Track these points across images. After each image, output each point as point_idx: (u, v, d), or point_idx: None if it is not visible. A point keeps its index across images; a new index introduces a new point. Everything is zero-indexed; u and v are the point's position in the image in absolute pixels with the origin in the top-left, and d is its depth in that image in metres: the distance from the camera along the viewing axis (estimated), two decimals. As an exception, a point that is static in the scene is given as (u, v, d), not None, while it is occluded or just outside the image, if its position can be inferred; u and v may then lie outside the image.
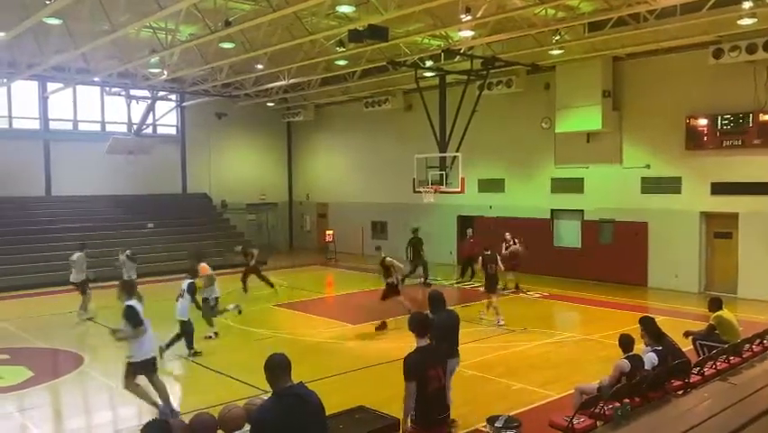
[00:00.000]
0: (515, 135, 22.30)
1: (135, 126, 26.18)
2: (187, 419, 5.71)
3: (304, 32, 15.92)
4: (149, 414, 9.12)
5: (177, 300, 12.26)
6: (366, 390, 9.28)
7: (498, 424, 6.20)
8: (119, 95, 24.51)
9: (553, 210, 21.78)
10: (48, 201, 25.00)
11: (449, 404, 6.22)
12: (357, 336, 13.56)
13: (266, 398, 4.29)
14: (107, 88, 24.17)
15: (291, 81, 22.16)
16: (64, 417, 9.82)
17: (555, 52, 18.46)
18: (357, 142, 28.49)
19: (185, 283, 12.30)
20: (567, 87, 19.96)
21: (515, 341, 13.05)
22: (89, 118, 26.35)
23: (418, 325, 5.87)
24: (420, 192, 20.22)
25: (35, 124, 25.05)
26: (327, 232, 27.72)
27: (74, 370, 11.57)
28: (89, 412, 10.03)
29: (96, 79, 21.90)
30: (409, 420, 5.73)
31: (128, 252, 17.70)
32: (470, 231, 21.18)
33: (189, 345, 12.20)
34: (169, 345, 12.03)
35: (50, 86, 24.24)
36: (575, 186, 20.91)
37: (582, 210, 20.93)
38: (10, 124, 24.50)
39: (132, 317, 8.46)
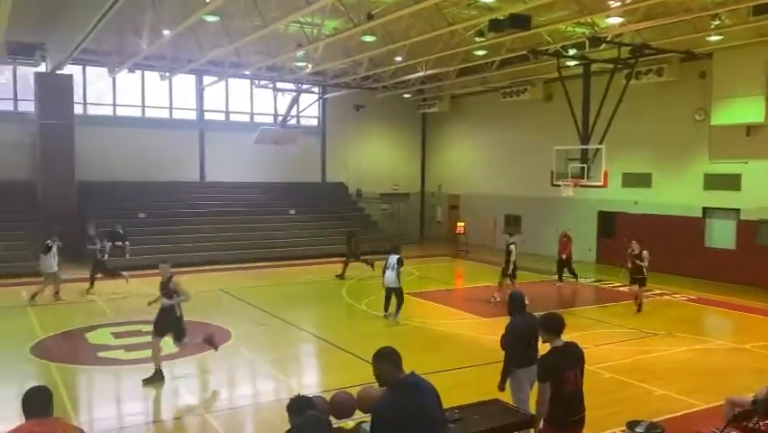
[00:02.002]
0: (664, 127, 20.96)
1: (281, 118, 27.56)
2: (327, 396, 5.96)
3: (444, 23, 15.92)
4: (286, 390, 9.64)
5: (384, 272, 14.07)
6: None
7: (639, 429, 5.91)
8: (267, 87, 25.94)
9: (705, 208, 20.25)
10: (201, 186, 26.99)
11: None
12: (490, 329, 13.44)
13: (380, 387, 4.34)
14: (256, 81, 25.68)
15: (429, 72, 22.28)
16: (210, 387, 10.59)
17: (714, 38, 17.09)
18: (492, 134, 28.12)
19: (393, 258, 14.00)
20: (726, 75, 18.43)
21: (657, 345, 12.33)
22: (240, 110, 28.12)
23: (552, 325, 5.74)
24: (559, 185, 19.61)
25: (192, 115, 27.11)
26: (459, 224, 27.66)
27: (222, 344, 12.42)
28: (233, 385, 10.75)
29: (246, 73, 23.32)
30: (543, 422, 5.63)
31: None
32: (567, 230, 19.95)
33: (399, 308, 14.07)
34: (397, 311, 13.97)
35: (206, 79, 26.13)
36: (731, 182, 19.30)
37: (738, 209, 19.29)
38: (170, 114, 26.70)
39: None
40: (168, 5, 15.07)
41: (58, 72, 22.12)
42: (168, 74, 23.08)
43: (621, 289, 18.12)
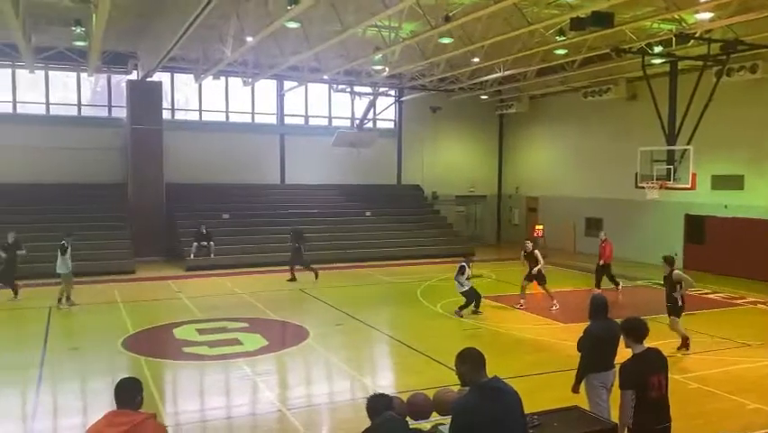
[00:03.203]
0: (759, 127, 19.80)
1: (358, 121, 27.91)
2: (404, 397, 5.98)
3: (523, 23, 15.67)
4: (362, 389, 9.74)
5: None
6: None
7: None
8: (344, 91, 26.32)
9: (803, 212, 19.03)
10: (281, 188, 27.69)
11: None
12: (569, 335, 13.11)
13: (461, 389, 4.32)
14: (334, 85, 26.10)
15: (506, 73, 21.98)
16: (290, 384, 10.85)
17: (815, 31, 16.03)
18: (572, 134, 27.43)
19: (462, 263, 15.06)
20: (828, 70, 17.25)
21: (749, 356, 11.67)
22: (318, 114, 28.66)
23: (636, 331, 5.57)
24: (643, 187, 18.89)
25: (273, 120, 27.86)
26: (537, 227, 27.11)
27: (301, 342, 12.72)
28: (311, 383, 10.97)
29: (324, 77, 23.75)
30: (626, 431, 5.45)
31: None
32: (602, 233, 18.89)
33: (477, 305, 15.06)
34: (460, 308, 14.79)
35: (286, 84, 26.79)
36: (834, 185, 18.05)
37: (843, 213, 18.01)
38: (252, 119, 27.54)
39: None
40: (251, 13, 15.55)
41: (148, 79, 23.26)
42: (250, 80, 23.81)
43: (711, 296, 17.26)
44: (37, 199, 22.49)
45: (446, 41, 17.44)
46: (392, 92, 28.07)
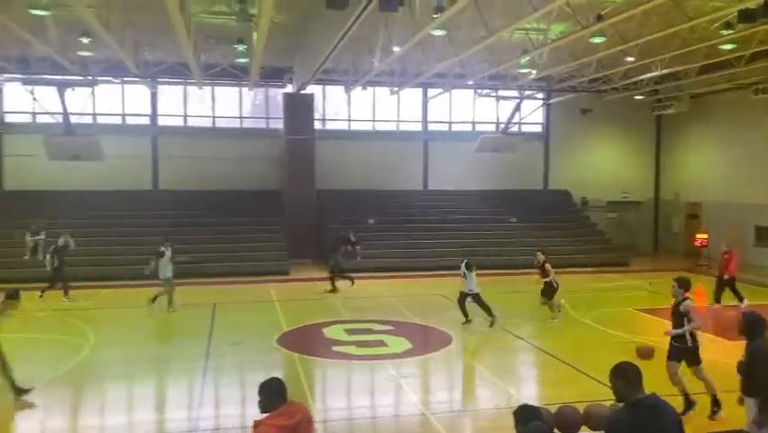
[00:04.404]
0: None
1: (502, 125, 27.55)
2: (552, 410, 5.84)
3: (683, 19, 14.65)
4: (505, 398, 9.58)
5: None
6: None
7: None
8: (489, 96, 26.13)
9: None
10: (424, 194, 28.00)
11: None
12: (732, 352, 12.02)
13: (613, 405, 4.13)
14: (479, 91, 25.99)
15: (664, 71, 20.66)
16: (433, 388, 10.93)
17: None
18: (740, 135, 25.12)
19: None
20: None
21: None
22: (462, 119, 28.68)
23: None
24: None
25: (417, 127, 28.26)
26: (699, 235, 25.12)
27: (443, 348, 12.78)
28: (454, 388, 10.99)
29: (469, 83, 23.71)
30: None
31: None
32: (723, 244, 16.98)
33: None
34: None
35: (431, 91, 27.09)
36: None
37: None
38: (398, 126, 28.15)
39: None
40: (398, 23, 15.93)
41: (302, 92, 24.58)
42: (396, 88, 24.37)
43: None
44: (204, 205, 24.57)
45: (598, 40, 16.75)
46: (539, 95, 27.44)
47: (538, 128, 29.37)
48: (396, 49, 16.82)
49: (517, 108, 26.98)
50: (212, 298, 17.39)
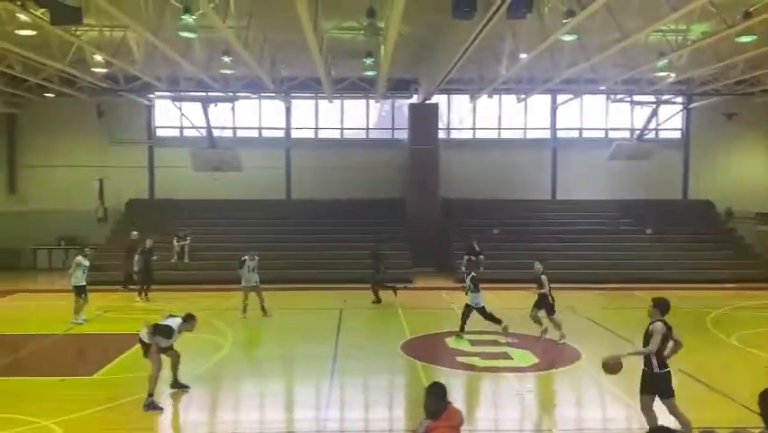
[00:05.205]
0: None
1: (638, 132, 26.21)
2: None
3: None
4: (638, 420, 9.06)
5: None
6: None
7: None
8: (623, 101, 24.97)
9: None
10: (552, 204, 27.24)
11: None
12: None
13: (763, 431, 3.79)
14: (612, 96, 24.92)
15: (824, 70, 18.78)
16: (560, 404, 10.55)
17: None
18: None
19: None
20: None
21: None
22: (593, 126, 27.60)
23: None
24: None
25: (546, 134, 27.57)
26: None
27: (571, 363, 12.31)
28: (582, 406, 10.54)
29: (601, 88, 22.83)
30: None
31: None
32: None
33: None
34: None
35: (560, 97, 26.33)
36: None
37: None
38: (525, 134, 27.59)
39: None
40: (526, 30, 15.67)
41: (426, 102, 24.79)
42: (523, 96, 23.94)
43: None
44: (333, 213, 25.49)
45: (746, 39, 15.57)
46: (678, 99, 25.84)
47: (677, 134, 27.70)
48: (523, 56, 16.56)
49: (654, 113, 25.58)
50: (338, 302, 18.05)
